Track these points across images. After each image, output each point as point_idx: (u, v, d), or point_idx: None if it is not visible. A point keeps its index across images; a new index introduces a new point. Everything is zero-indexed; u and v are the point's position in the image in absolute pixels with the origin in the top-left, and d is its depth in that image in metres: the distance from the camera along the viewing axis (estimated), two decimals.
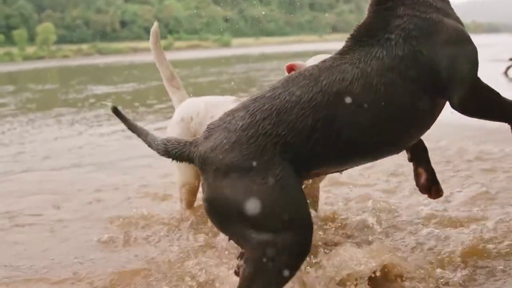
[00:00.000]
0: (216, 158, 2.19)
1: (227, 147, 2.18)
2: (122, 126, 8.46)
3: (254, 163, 2.14)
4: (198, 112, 3.80)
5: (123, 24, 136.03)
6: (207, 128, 2.37)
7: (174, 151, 2.39)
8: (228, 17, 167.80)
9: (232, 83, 16.13)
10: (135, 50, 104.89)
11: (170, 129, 3.98)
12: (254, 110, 2.25)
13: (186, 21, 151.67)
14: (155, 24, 4.30)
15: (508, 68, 15.52)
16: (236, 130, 2.20)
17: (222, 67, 29.00)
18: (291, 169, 2.19)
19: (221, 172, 2.16)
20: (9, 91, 20.76)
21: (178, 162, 2.41)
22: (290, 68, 3.21)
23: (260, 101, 2.29)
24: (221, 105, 3.63)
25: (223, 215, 2.22)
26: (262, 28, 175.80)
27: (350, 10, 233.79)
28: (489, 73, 16.26)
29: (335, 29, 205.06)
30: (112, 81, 23.15)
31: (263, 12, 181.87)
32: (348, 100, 2.23)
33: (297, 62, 3.27)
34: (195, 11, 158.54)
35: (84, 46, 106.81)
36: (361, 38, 2.45)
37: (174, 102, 4.26)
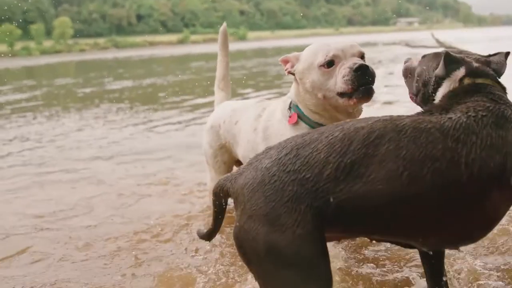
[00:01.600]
0: (244, 198, 2.13)
1: (252, 187, 2.12)
2: (143, 119, 8.48)
3: (275, 207, 2.05)
4: (224, 119, 3.74)
5: (139, 18, 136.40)
6: (247, 163, 2.30)
7: (219, 189, 2.31)
8: (244, 11, 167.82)
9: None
10: (151, 44, 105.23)
11: (204, 136, 3.98)
12: (282, 148, 2.19)
13: (202, 15, 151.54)
14: (224, 24, 4.27)
15: None
16: (261, 169, 2.15)
17: (239, 61, 29.01)
18: (312, 217, 2.03)
19: (246, 214, 2.11)
20: (28, 86, 20.91)
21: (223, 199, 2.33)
22: (285, 61, 3.15)
23: (292, 139, 2.24)
24: (241, 110, 3.61)
25: (247, 256, 2.16)
26: (278, 21, 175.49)
27: (366, 3, 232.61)
28: (509, 69, 16.29)
29: (351, 22, 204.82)
30: (131, 76, 23.25)
31: (279, 5, 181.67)
32: (364, 134, 2.10)
33: (292, 54, 3.16)
34: (211, 4, 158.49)
35: (101, 40, 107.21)
36: (421, 111, 2.30)
37: (215, 102, 4.21)
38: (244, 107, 3.64)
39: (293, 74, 3.11)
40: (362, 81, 2.82)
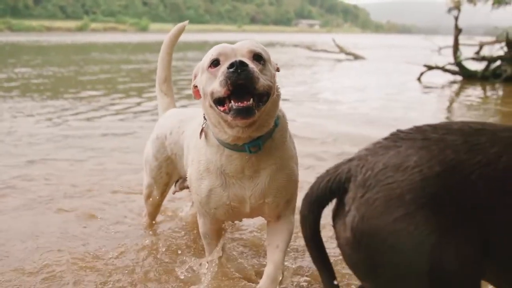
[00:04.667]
0: (385, 188, 1.61)
1: (408, 177, 1.60)
2: (42, 110, 7.99)
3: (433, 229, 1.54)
4: (171, 130, 3.38)
5: (37, 1, 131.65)
6: (392, 134, 1.81)
7: (332, 180, 1.78)
8: (147, 1, 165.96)
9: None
10: (48, 29, 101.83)
11: (149, 146, 3.64)
12: (473, 144, 1.66)
13: (104, 3, 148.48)
14: (186, 22, 3.98)
15: (421, 74, 16.21)
16: (433, 163, 1.61)
17: (142, 54, 28.61)
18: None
19: (379, 206, 1.59)
20: None
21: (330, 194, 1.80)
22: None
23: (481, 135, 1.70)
24: (189, 120, 3.21)
25: (375, 259, 1.65)
26: (181, 15, 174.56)
27: (270, 2, 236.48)
28: (404, 77, 17.14)
29: (254, 20, 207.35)
30: (31, 63, 22.13)
31: None
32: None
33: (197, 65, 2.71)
34: None
35: None
36: None
37: (159, 108, 3.86)
38: (192, 116, 3.22)
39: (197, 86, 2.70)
40: (233, 79, 2.32)
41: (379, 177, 1.63)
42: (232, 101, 2.36)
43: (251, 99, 2.35)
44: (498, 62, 16.25)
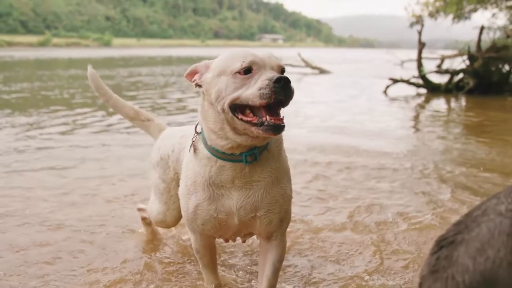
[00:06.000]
0: (495, 270, 1.27)
1: None
2: (22, 124, 7.85)
3: None
4: (173, 148, 3.29)
5: None
6: (439, 241, 1.48)
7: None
8: (110, 16, 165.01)
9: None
10: (9, 44, 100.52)
11: (153, 171, 3.52)
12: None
13: (66, 17, 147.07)
14: (89, 67, 3.77)
15: (387, 87, 16.55)
16: (500, 219, 1.34)
17: (108, 68, 28.39)
18: None
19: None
20: None
21: None
22: (193, 73, 2.62)
23: None
24: (190, 135, 2.95)
25: None
26: (144, 29, 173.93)
27: (233, 17, 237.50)
28: (370, 90, 17.44)
29: (217, 35, 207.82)
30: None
31: (146, 13, 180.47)
32: None
33: (202, 62, 2.63)
34: (76, 7, 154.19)
35: None
36: None
37: (153, 134, 3.73)
38: (192, 132, 2.93)
39: (201, 86, 2.59)
40: (278, 94, 2.30)
41: (478, 270, 1.33)
42: (267, 116, 2.36)
43: (283, 116, 2.38)
44: (461, 75, 16.67)
